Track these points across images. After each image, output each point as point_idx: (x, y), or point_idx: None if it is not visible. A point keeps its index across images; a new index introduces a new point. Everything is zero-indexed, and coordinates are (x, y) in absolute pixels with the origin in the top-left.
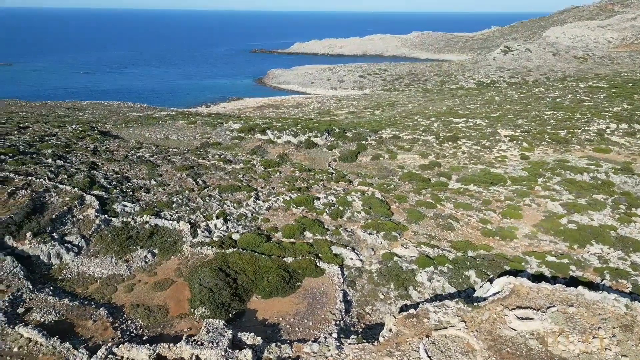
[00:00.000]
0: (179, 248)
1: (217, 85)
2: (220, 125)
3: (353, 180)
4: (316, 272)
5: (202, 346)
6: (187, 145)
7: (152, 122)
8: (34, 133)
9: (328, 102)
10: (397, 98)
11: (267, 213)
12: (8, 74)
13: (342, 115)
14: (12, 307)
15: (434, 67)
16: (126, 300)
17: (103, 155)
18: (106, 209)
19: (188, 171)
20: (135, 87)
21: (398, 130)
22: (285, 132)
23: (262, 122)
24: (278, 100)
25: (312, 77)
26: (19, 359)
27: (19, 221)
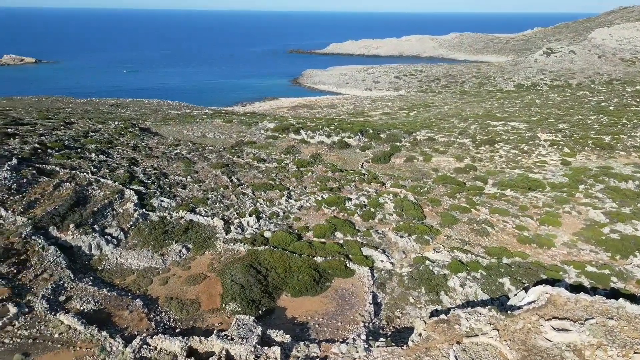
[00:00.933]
0: (213, 244)
1: (254, 85)
2: (256, 125)
3: (385, 181)
4: (346, 273)
5: (232, 341)
6: (222, 143)
7: (189, 120)
8: (79, 128)
9: (362, 103)
10: (433, 100)
11: (298, 212)
12: (56, 71)
13: (376, 116)
14: (54, 295)
15: (471, 68)
16: (161, 292)
17: (142, 151)
18: (144, 204)
19: (223, 169)
20: (175, 86)
21: (433, 132)
22: (319, 133)
23: (296, 122)
24: (312, 100)
25: (347, 78)
26: (59, 345)
27: (63, 213)
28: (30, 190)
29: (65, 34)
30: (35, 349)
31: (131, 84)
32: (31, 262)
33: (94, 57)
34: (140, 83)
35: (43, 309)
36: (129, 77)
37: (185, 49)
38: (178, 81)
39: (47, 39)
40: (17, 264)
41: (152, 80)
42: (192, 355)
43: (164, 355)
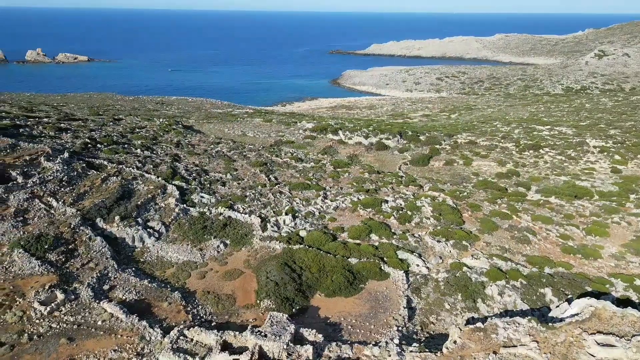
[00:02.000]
0: (249, 240)
1: (294, 85)
2: (294, 124)
3: (424, 185)
4: (380, 276)
5: (266, 338)
6: (262, 142)
7: (231, 119)
8: (126, 125)
9: (402, 104)
10: (476, 102)
11: (334, 212)
12: (107, 70)
13: (416, 118)
14: (99, 283)
15: (517, 70)
16: (198, 286)
17: (185, 148)
18: (185, 199)
19: (262, 167)
20: (217, 85)
21: (475, 136)
22: (357, 133)
23: (334, 123)
24: (352, 101)
25: (387, 79)
26: (101, 332)
27: (110, 205)
28: (80, 183)
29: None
30: (79, 335)
31: (176, 82)
32: (79, 251)
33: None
34: (185, 82)
35: (88, 296)
36: (173, 75)
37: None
38: (221, 80)
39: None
40: (65, 252)
41: (196, 79)
42: (226, 349)
43: (199, 348)
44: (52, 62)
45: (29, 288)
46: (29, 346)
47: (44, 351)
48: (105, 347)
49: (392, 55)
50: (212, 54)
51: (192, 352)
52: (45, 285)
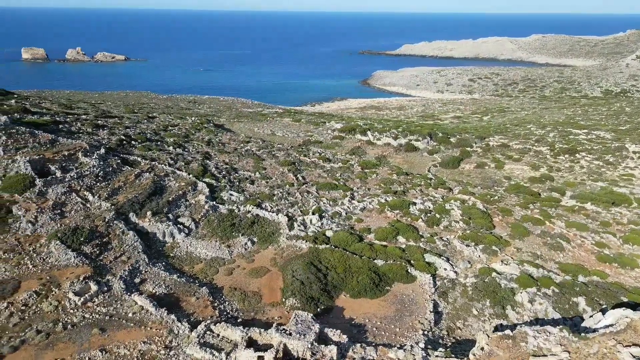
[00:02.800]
0: (276, 239)
1: (323, 85)
2: (323, 125)
3: (453, 187)
4: (407, 278)
5: (291, 336)
6: (290, 141)
7: (261, 118)
8: (159, 123)
9: (433, 106)
10: (509, 104)
11: (361, 213)
12: (142, 69)
13: (447, 119)
14: (131, 276)
15: (553, 72)
16: (225, 282)
17: (216, 146)
18: (215, 196)
19: (290, 167)
20: (248, 85)
21: (507, 139)
22: (386, 134)
23: (363, 123)
24: (381, 101)
25: (417, 80)
26: (131, 324)
27: (142, 201)
28: (115, 178)
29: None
30: (111, 326)
31: (208, 82)
32: (112, 244)
33: (175, 56)
34: (216, 81)
35: (120, 289)
36: (205, 75)
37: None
38: (251, 80)
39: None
40: (99, 245)
41: (227, 79)
42: (252, 345)
43: (225, 343)
44: (91, 60)
45: (64, 279)
46: (63, 335)
47: (77, 340)
48: (135, 338)
49: (423, 55)
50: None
51: (218, 347)
52: (79, 277)
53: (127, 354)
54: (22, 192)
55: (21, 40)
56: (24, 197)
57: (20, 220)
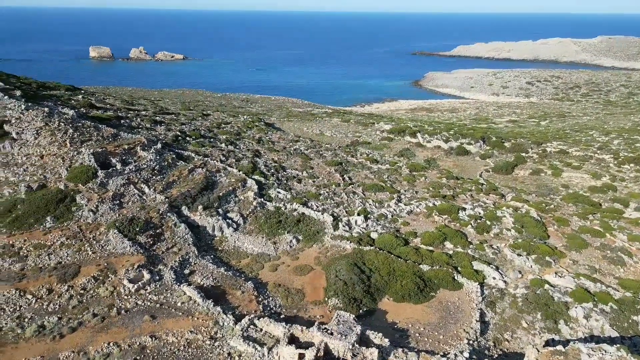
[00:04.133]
0: (321, 238)
1: (374, 86)
2: (372, 125)
3: (506, 194)
4: (453, 285)
5: (332, 336)
6: (338, 142)
7: (310, 118)
8: (213, 120)
9: (487, 109)
10: (570, 109)
11: (407, 217)
12: (199, 68)
13: (502, 123)
14: (181, 267)
15: (620, 76)
16: (270, 278)
17: (265, 144)
18: (263, 193)
19: (337, 167)
20: (299, 84)
21: (567, 145)
22: (436, 137)
23: (413, 125)
24: (433, 103)
25: (472, 82)
26: (180, 313)
27: (194, 195)
28: (170, 173)
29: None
30: (161, 313)
31: (260, 81)
32: (165, 236)
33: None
34: (268, 81)
35: (170, 279)
36: (258, 74)
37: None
38: (302, 80)
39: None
40: (153, 236)
41: (279, 79)
42: (293, 342)
43: (267, 338)
44: (152, 59)
45: (120, 266)
46: (117, 319)
47: (130, 325)
48: (183, 327)
49: (479, 57)
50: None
51: (261, 342)
52: (134, 265)
53: (175, 341)
54: (85, 182)
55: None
56: (87, 187)
57: (82, 208)
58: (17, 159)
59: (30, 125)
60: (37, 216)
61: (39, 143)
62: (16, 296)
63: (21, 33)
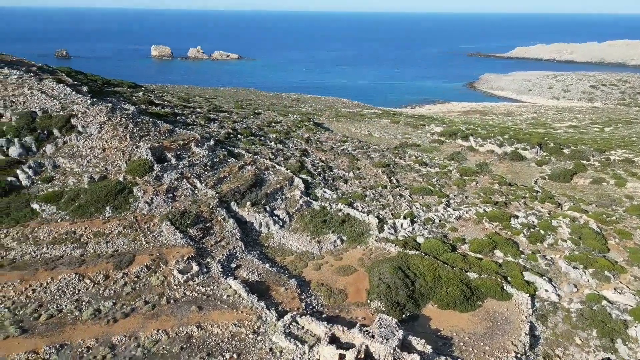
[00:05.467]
0: (365, 240)
1: (425, 87)
2: (422, 127)
3: (563, 203)
4: (502, 295)
5: (373, 339)
6: (387, 143)
7: (359, 119)
8: (264, 119)
9: (545, 113)
10: (638, 115)
11: (455, 222)
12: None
13: (561, 128)
14: (228, 261)
15: None
16: (313, 277)
17: (314, 144)
18: (309, 192)
19: (384, 168)
20: (349, 85)
21: (633, 153)
22: (490, 141)
23: (465, 128)
24: (487, 106)
25: (530, 84)
26: (225, 306)
27: (243, 191)
28: (221, 169)
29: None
30: (207, 305)
31: (311, 81)
32: (214, 230)
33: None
34: (319, 80)
35: (218, 272)
36: (308, 74)
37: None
38: (352, 80)
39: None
40: (203, 229)
41: (329, 79)
42: (334, 342)
43: (309, 336)
44: (209, 58)
45: (171, 257)
46: (166, 308)
47: (178, 314)
48: (227, 320)
49: (539, 59)
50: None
51: (302, 339)
52: (184, 256)
53: (219, 333)
54: (142, 175)
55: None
56: (143, 180)
57: (139, 200)
58: (81, 151)
59: (94, 120)
60: (97, 205)
61: (102, 137)
62: (76, 280)
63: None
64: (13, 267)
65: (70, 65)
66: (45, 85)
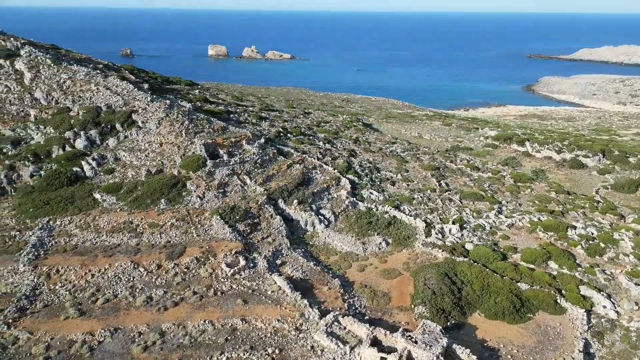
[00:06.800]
0: (411, 243)
1: (480, 90)
2: (475, 131)
3: (626, 215)
4: (554, 309)
5: (416, 344)
6: (437, 146)
7: (409, 120)
8: (314, 118)
9: (610, 119)
10: None
11: (507, 230)
12: (304, 67)
13: (627, 136)
14: (273, 257)
15: None
16: (357, 278)
17: (362, 144)
18: (355, 193)
19: (433, 171)
20: (401, 86)
21: None
22: (547, 147)
23: (521, 132)
24: (546, 110)
25: (594, 88)
26: (269, 301)
27: (291, 189)
28: (270, 167)
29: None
30: (252, 299)
31: (361, 81)
32: (261, 226)
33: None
34: (369, 81)
35: (263, 267)
36: (359, 75)
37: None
38: (404, 81)
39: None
40: (251, 225)
41: (379, 79)
42: (375, 345)
43: (350, 337)
44: (262, 58)
45: (219, 250)
46: (213, 299)
47: (224, 307)
48: (271, 315)
49: (605, 61)
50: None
51: (344, 340)
52: (232, 250)
53: (263, 327)
54: (195, 170)
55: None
56: (196, 175)
57: (191, 194)
58: (140, 145)
59: (153, 116)
60: (153, 198)
61: (160, 132)
62: (131, 268)
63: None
64: (75, 253)
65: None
66: (110, 82)
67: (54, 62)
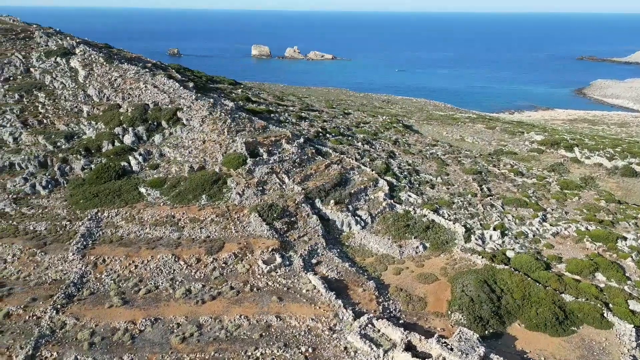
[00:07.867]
0: (450, 248)
1: (527, 92)
2: (520, 135)
3: None
4: (600, 323)
5: (452, 352)
6: (480, 149)
7: (451, 122)
8: (353, 119)
9: None
10: None
11: (552, 239)
12: (345, 67)
13: None
14: (309, 256)
15: None
16: (392, 281)
17: (401, 146)
18: (393, 195)
19: (475, 175)
20: (443, 87)
21: None
22: (598, 153)
23: (570, 138)
24: (597, 115)
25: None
26: (304, 300)
27: (328, 189)
28: (308, 166)
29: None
30: (287, 297)
31: (402, 82)
32: (298, 224)
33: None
34: (411, 82)
35: (299, 266)
36: (400, 75)
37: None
38: (447, 83)
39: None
40: (288, 223)
41: (421, 80)
42: (409, 350)
43: (384, 340)
44: (304, 58)
45: (257, 247)
46: (249, 295)
47: (259, 303)
48: (305, 314)
49: None
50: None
51: (377, 343)
52: (268, 248)
53: (297, 325)
54: (236, 167)
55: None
56: (237, 172)
57: (231, 191)
58: (184, 142)
59: (197, 114)
60: (195, 193)
61: (203, 130)
62: (172, 261)
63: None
64: (120, 244)
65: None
66: (158, 81)
67: (107, 61)
